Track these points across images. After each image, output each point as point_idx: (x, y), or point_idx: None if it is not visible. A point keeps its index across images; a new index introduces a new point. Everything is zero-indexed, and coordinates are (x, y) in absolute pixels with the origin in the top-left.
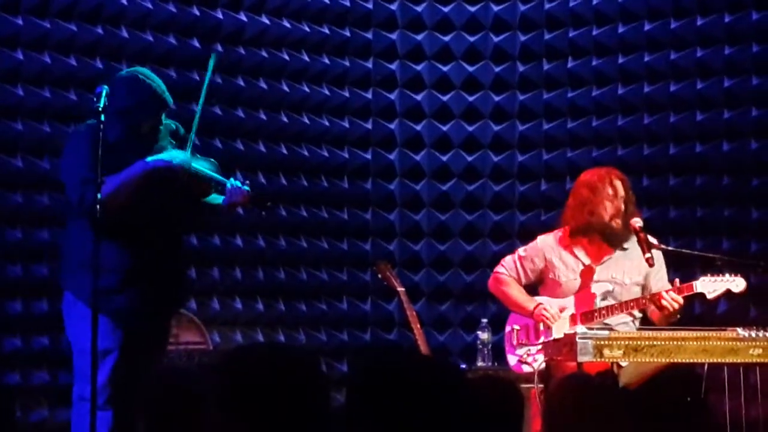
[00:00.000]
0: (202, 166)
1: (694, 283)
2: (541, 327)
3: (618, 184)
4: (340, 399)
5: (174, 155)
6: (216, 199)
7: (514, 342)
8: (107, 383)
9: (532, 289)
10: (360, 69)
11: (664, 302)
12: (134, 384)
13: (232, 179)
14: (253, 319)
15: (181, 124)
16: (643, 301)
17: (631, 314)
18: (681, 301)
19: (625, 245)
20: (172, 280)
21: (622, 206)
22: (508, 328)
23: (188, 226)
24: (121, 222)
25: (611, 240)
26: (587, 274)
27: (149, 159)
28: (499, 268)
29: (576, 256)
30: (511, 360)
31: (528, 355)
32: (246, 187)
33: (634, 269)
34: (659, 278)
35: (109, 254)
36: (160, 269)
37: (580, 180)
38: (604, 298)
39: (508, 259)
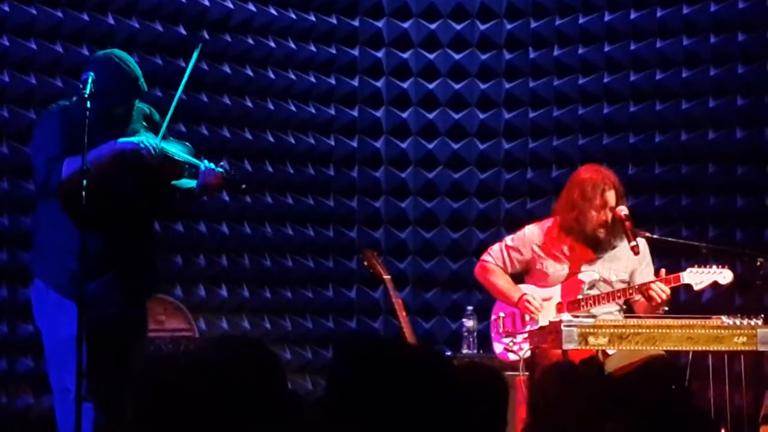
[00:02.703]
0: (175, 148)
1: (681, 274)
2: (527, 317)
3: (610, 195)
4: (324, 385)
5: (143, 139)
6: (189, 183)
7: (501, 330)
8: (84, 373)
9: (519, 276)
10: (346, 56)
11: (652, 293)
12: (111, 374)
13: (205, 161)
14: (238, 306)
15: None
16: (630, 291)
17: (618, 304)
18: (668, 291)
19: (614, 243)
20: (144, 267)
21: (610, 217)
22: (494, 316)
23: (162, 212)
24: (86, 204)
25: (595, 246)
26: (575, 264)
27: (119, 141)
28: (485, 257)
29: (563, 250)
30: (497, 348)
31: (514, 343)
32: (219, 169)
33: (621, 267)
34: (645, 274)
35: (79, 240)
36: (131, 255)
37: (577, 177)
38: (591, 287)
39: (495, 248)
